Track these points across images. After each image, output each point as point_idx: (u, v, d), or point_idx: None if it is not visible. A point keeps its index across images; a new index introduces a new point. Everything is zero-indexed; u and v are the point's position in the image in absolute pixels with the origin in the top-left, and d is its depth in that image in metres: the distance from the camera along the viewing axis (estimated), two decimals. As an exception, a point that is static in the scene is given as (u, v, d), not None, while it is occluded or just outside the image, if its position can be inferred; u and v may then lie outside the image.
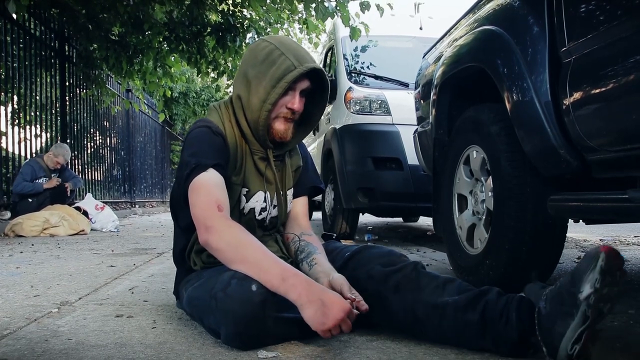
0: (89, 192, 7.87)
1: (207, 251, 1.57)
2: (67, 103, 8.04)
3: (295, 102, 1.62)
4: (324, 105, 1.77)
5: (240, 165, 1.69)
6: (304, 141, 1.88)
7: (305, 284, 1.38)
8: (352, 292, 1.47)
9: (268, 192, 1.75)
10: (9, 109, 6.46)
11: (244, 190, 1.70)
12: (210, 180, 1.54)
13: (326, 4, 5.75)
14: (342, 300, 1.35)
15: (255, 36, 7.67)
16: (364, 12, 5.84)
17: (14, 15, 5.34)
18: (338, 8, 5.77)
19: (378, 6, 5.87)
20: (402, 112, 4.58)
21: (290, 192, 1.83)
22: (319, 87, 1.70)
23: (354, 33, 5.59)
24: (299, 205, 1.88)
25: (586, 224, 2.36)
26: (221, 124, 1.68)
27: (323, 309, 1.32)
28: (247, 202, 1.72)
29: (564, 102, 1.71)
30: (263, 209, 1.75)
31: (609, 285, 1.19)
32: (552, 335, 1.26)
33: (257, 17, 7.58)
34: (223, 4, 7.26)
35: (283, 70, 1.57)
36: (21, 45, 6.59)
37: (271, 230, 1.81)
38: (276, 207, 1.78)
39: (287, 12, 7.43)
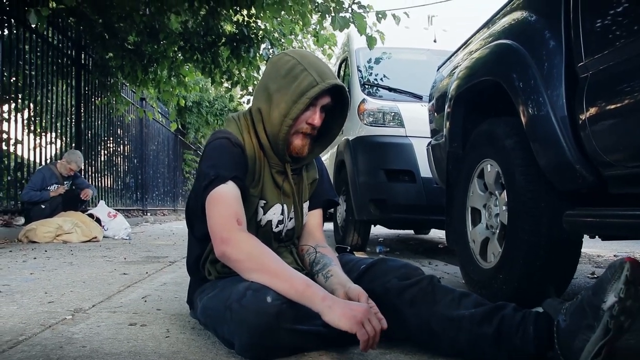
0: (101, 199, 7.93)
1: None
2: (82, 110, 8.12)
3: (316, 117, 1.63)
4: (343, 121, 1.77)
5: (259, 177, 1.69)
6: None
7: (327, 293, 1.40)
8: (370, 303, 1.47)
9: (285, 205, 1.75)
10: (25, 115, 6.53)
11: (262, 202, 1.70)
12: (230, 193, 1.54)
13: (342, 15, 5.76)
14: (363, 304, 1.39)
15: (270, 47, 7.72)
16: (379, 22, 5.85)
17: (33, 25, 5.42)
18: (353, 16, 5.78)
19: (394, 15, 5.88)
20: (415, 125, 4.57)
21: (306, 205, 1.83)
22: (338, 102, 1.70)
23: (371, 42, 5.59)
24: (314, 218, 1.88)
25: (602, 239, 2.34)
26: (240, 135, 1.68)
27: (349, 306, 1.34)
28: (264, 214, 1.72)
29: (580, 117, 1.71)
30: (280, 222, 1.75)
31: (632, 297, 1.19)
32: (571, 349, 1.26)
33: (272, 29, 7.63)
34: (238, 15, 7.32)
35: (305, 86, 1.57)
36: (38, 53, 6.68)
37: (287, 243, 1.81)
38: (292, 220, 1.79)
39: (300, 25, 7.48)
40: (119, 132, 10.25)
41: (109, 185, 9.59)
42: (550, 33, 1.91)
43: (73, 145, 7.73)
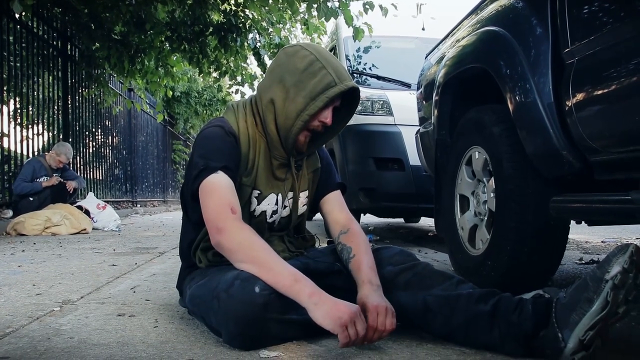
0: (90, 191, 7.88)
1: (214, 250, 1.56)
2: (69, 102, 8.05)
3: (329, 116, 1.61)
4: (348, 119, 1.76)
5: (252, 166, 1.67)
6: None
7: (316, 288, 1.38)
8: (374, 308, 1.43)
9: (280, 195, 1.73)
10: (11, 107, 6.46)
11: (256, 192, 1.69)
12: (222, 182, 1.53)
13: (329, 4, 5.74)
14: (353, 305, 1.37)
15: (257, 36, 7.67)
16: (366, 13, 5.83)
17: (18, 15, 5.35)
18: (340, 8, 5.76)
19: (381, 6, 5.86)
20: (404, 113, 4.58)
21: (303, 195, 1.80)
22: (344, 100, 1.68)
23: (357, 33, 5.58)
24: (331, 203, 1.83)
25: (588, 225, 2.37)
26: (235, 123, 1.67)
27: (336, 306, 1.33)
28: (258, 204, 1.70)
29: (567, 103, 1.71)
30: (274, 212, 1.74)
31: (634, 275, 1.25)
32: (567, 322, 1.29)
33: (259, 18, 7.58)
34: (225, 4, 7.27)
35: (325, 84, 1.55)
36: (24, 44, 6.60)
37: (280, 232, 1.80)
38: (287, 208, 1.77)
39: (289, 13, 7.43)
40: (107, 123, 10.17)
41: (98, 177, 9.52)
42: (536, 20, 1.91)
43: (61, 137, 7.66)
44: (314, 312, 1.34)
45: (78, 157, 8.35)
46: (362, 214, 5.25)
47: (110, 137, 10.45)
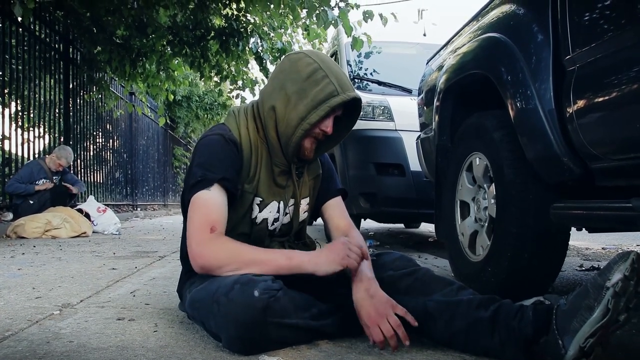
0: (91, 194, 7.88)
1: None
2: (71, 105, 8.06)
3: (330, 125, 1.61)
4: (349, 129, 1.77)
5: (254, 173, 1.67)
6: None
7: (309, 253, 1.47)
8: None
9: (282, 202, 1.73)
10: (12, 110, 6.47)
11: (257, 199, 1.69)
12: (211, 200, 1.54)
13: (328, 13, 5.74)
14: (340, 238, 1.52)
15: (259, 41, 7.69)
16: (366, 22, 5.84)
17: (20, 18, 5.36)
18: (339, 17, 5.77)
19: (381, 15, 5.87)
20: (405, 118, 4.58)
21: (304, 202, 1.81)
22: (345, 109, 1.69)
23: (356, 44, 5.60)
24: (333, 209, 1.85)
25: (589, 232, 2.36)
26: (237, 130, 1.67)
27: (329, 248, 1.46)
28: (260, 211, 1.70)
29: (568, 110, 1.72)
30: (275, 219, 1.74)
31: (635, 283, 1.25)
32: (568, 330, 1.29)
33: (261, 22, 7.60)
34: (227, 9, 7.29)
35: (327, 93, 1.55)
36: (25, 48, 6.61)
37: (281, 238, 1.80)
38: (287, 215, 1.77)
39: (290, 18, 7.45)
40: (108, 126, 10.17)
41: (98, 180, 9.52)
42: (538, 26, 1.91)
43: (61, 140, 7.66)
44: (320, 270, 1.43)
45: (78, 160, 8.36)
46: (362, 219, 5.23)
47: (111, 141, 10.46)
